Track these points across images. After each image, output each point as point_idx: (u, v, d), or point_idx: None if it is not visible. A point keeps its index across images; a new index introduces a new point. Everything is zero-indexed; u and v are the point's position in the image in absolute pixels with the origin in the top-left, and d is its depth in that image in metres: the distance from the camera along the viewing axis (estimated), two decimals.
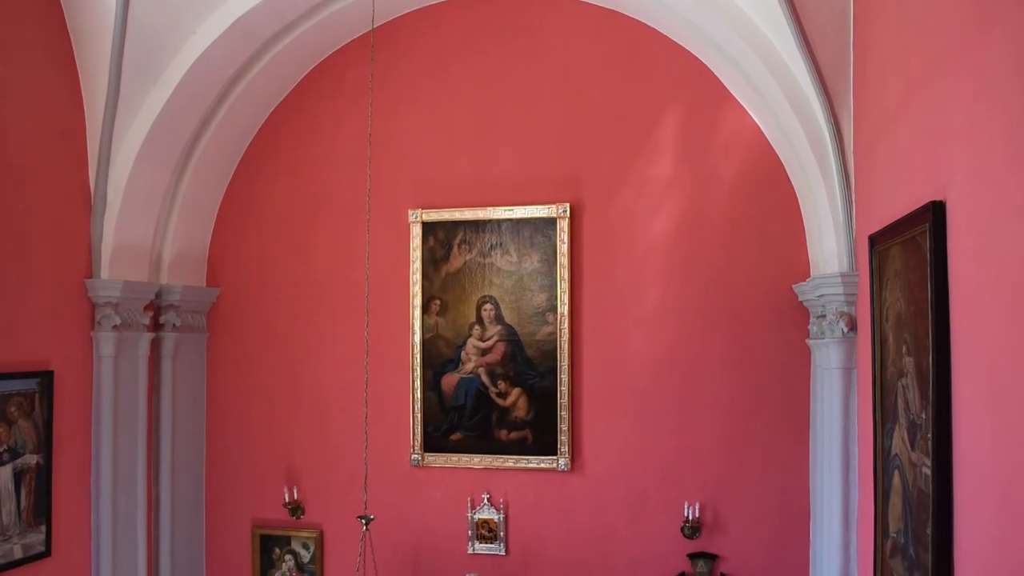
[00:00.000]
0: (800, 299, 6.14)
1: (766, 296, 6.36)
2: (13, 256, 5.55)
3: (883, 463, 4.14)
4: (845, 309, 5.26)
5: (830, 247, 5.43)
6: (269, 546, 7.22)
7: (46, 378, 5.76)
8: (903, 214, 3.71)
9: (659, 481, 6.52)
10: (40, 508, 5.72)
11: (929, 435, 3.25)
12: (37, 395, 5.69)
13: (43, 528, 5.74)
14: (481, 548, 6.83)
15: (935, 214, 3.22)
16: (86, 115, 6.09)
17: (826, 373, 5.52)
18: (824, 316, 5.53)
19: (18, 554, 5.55)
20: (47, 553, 5.77)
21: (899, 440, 3.80)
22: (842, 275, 5.23)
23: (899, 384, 3.80)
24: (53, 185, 5.88)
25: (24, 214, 5.64)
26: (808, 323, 6.12)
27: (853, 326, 5.23)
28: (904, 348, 3.72)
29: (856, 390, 5.22)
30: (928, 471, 3.28)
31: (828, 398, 5.48)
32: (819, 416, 5.82)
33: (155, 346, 6.83)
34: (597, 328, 6.67)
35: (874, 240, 4.30)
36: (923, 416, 3.39)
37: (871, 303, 4.37)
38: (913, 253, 3.54)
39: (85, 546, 6.18)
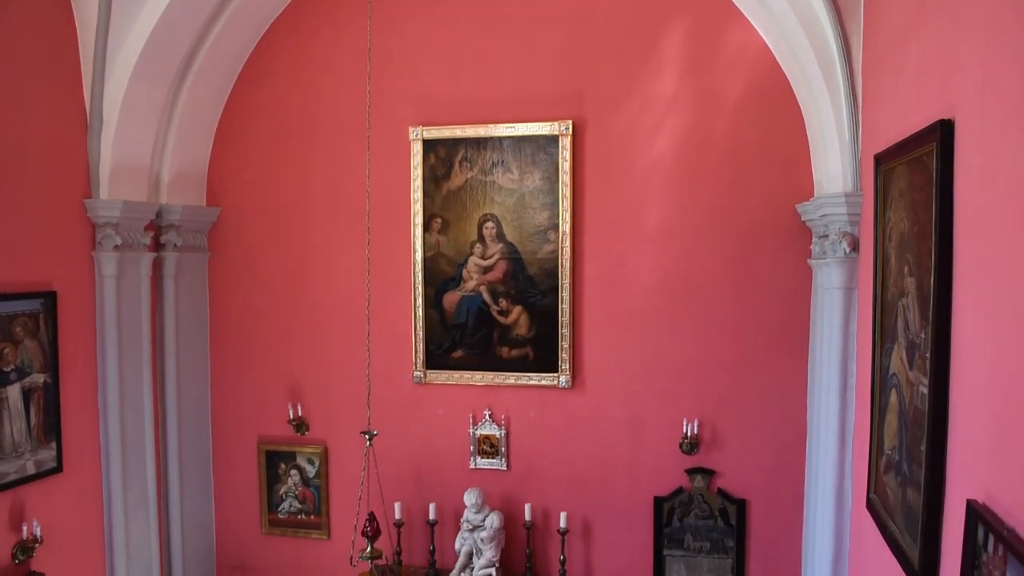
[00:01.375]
0: (803, 219, 6.11)
1: (768, 215, 6.33)
2: (12, 178, 5.51)
3: (881, 382, 4.19)
4: (848, 229, 5.25)
5: (835, 166, 5.38)
6: (275, 462, 7.38)
7: (49, 299, 5.79)
8: (910, 133, 3.66)
9: (658, 398, 6.61)
10: (50, 425, 5.83)
11: (928, 354, 3.28)
12: (41, 315, 5.73)
13: (53, 445, 5.86)
14: (483, 463, 6.97)
15: (943, 133, 3.18)
16: (78, 32, 5.95)
17: (827, 293, 5.54)
18: (826, 236, 5.52)
19: (31, 470, 5.68)
20: (59, 469, 5.91)
21: (897, 359, 3.84)
22: (846, 195, 5.20)
23: (899, 304, 3.81)
24: (48, 105, 5.79)
25: (20, 135, 5.57)
26: (810, 243, 6.11)
27: (855, 246, 5.22)
28: (906, 268, 3.72)
29: (856, 310, 5.25)
30: (925, 390, 3.32)
31: (828, 318, 5.51)
32: (818, 335, 5.87)
33: (157, 266, 6.84)
34: (599, 246, 6.67)
35: (880, 160, 4.25)
36: (922, 336, 3.41)
37: (874, 223, 4.35)
38: (919, 173, 3.51)
39: (95, 462, 6.31)
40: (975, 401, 2.89)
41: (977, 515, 2.65)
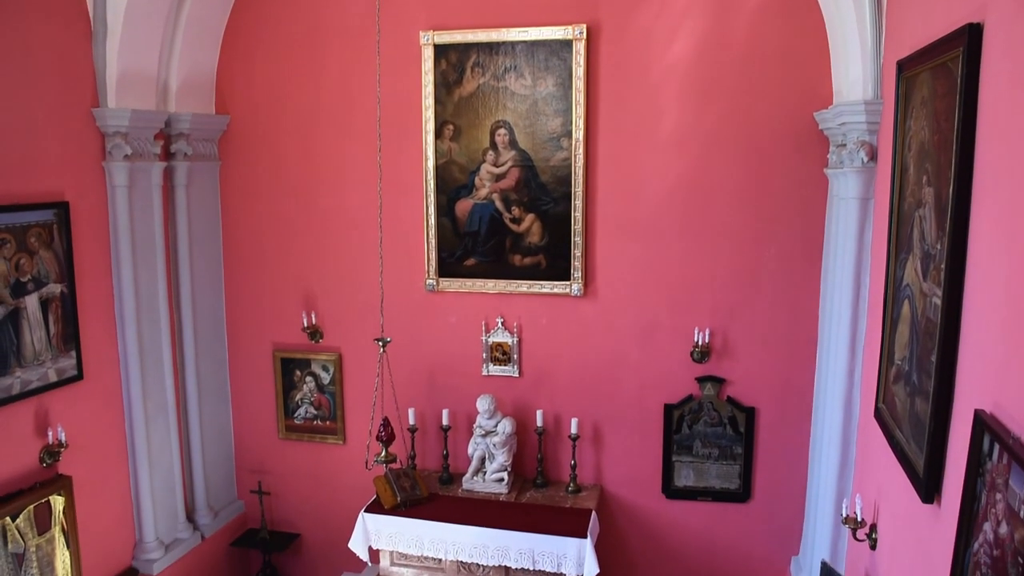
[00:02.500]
0: (821, 127, 6.00)
1: (786, 123, 6.21)
2: (18, 88, 5.44)
3: (893, 293, 4.18)
4: (866, 138, 5.15)
5: (855, 73, 5.24)
6: (290, 369, 7.50)
7: (62, 209, 5.80)
8: (936, 38, 3.54)
9: (670, 307, 6.63)
10: (69, 335, 5.92)
11: (942, 265, 3.26)
12: (55, 226, 5.75)
13: (73, 354, 5.97)
14: (495, 370, 7.06)
15: (970, 37, 3.07)
16: None
17: (843, 203, 5.48)
18: (844, 145, 5.42)
19: (53, 377, 5.80)
20: (79, 376, 6.03)
21: (911, 270, 3.82)
22: (866, 103, 5.09)
23: (916, 214, 3.77)
24: (50, 12, 5.67)
25: (24, 44, 5.47)
26: (827, 152, 6.02)
27: (873, 155, 5.14)
28: (924, 178, 3.66)
29: (871, 221, 5.20)
30: (938, 301, 3.31)
31: (843, 228, 5.46)
32: (833, 246, 5.83)
33: (168, 175, 6.81)
34: (612, 154, 6.59)
35: (902, 66, 4.13)
36: (938, 247, 3.38)
37: (894, 132, 4.26)
38: (943, 79, 3.41)
39: (114, 370, 6.44)
40: (987, 313, 2.89)
41: (984, 424, 2.67)
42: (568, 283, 6.75)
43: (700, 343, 6.52)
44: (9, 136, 5.39)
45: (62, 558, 5.90)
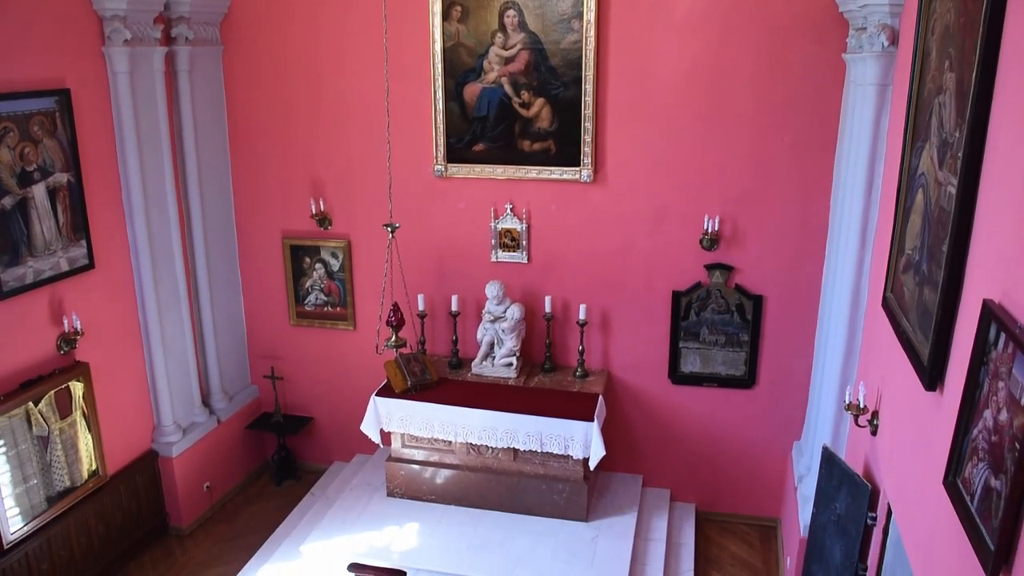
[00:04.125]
0: (840, 10, 5.77)
1: (803, 6, 5.98)
2: None
3: (907, 182, 4.12)
4: (888, 21, 4.96)
5: None
6: (300, 256, 7.53)
7: (63, 96, 5.71)
8: None
9: (681, 194, 6.58)
10: (78, 224, 5.93)
11: (960, 154, 3.19)
12: (57, 114, 5.68)
13: (83, 243, 5.99)
14: (504, 256, 7.08)
15: None
16: None
17: (860, 89, 5.33)
18: (864, 28, 5.23)
19: (64, 267, 5.85)
20: (91, 265, 6.08)
21: (927, 159, 3.75)
22: None
23: (936, 101, 3.67)
24: None
25: None
26: (846, 36, 5.82)
27: (894, 40, 4.96)
28: (947, 63, 3.55)
29: (888, 108, 5.07)
30: (953, 190, 3.26)
31: (859, 115, 5.33)
32: (847, 133, 5.71)
33: (170, 61, 6.67)
34: (624, 36, 6.39)
35: None
36: (956, 135, 3.31)
37: (917, 14, 4.10)
38: None
39: (125, 259, 6.48)
40: (1002, 202, 2.85)
41: (991, 314, 2.68)
42: (578, 169, 6.68)
43: (710, 230, 6.50)
44: (5, 22, 5.26)
45: (84, 441, 6.09)
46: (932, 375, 3.38)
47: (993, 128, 3.00)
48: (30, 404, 5.58)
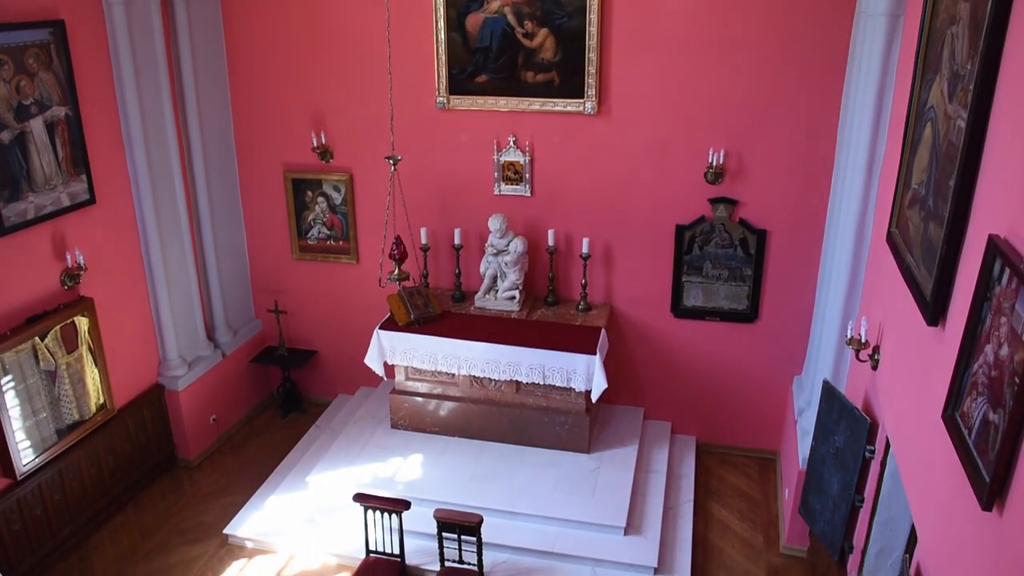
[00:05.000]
0: None
1: None
2: None
3: (916, 115, 4.06)
4: None
5: None
6: (301, 189, 7.48)
7: (58, 28, 5.61)
8: None
9: (685, 127, 6.49)
10: (78, 159, 5.88)
11: (971, 86, 3.14)
12: (52, 46, 5.58)
13: (84, 178, 5.96)
14: (507, 189, 7.03)
15: None
16: None
17: (870, 20, 5.20)
18: None
19: (65, 202, 5.82)
20: (92, 200, 6.06)
21: (937, 92, 3.69)
22: None
23: (948, 32, 3.59)
24: None
25: None
26: None
27: None
28: None
29: (899, 39, 4.96)
30: (962, 123, 3.21)
31: (869, 46, 5.21)
32: (857, 66, 5.60)
33: None
34: None
35: None
36: (968, 67, 3.24)
37: None
38: None
39: (126, 193, 6.45)
40: (1012, 137, 2.81)
41: (996, 249, 2.67)
42: (581, 101, 6.58)
43: (714, 164, 6.43)
44: None
45: (91, 375, 6.15)
46: (935, 310, 3.39)
47: (1006, 60, 2.94)
48: (36, 339, 5.61)
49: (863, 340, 4.58)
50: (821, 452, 5.08)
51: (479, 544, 5.44)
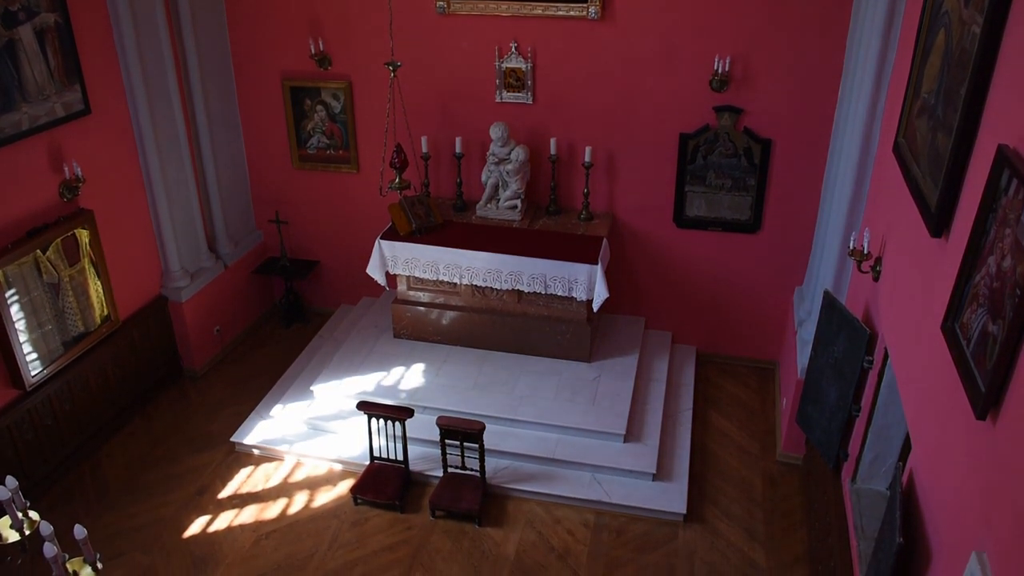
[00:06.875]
0: None
1: None
2: None
3: (930, 21, 3.95)
4: None
5: None
6: (300, 98, 7.35)
7: None
8: None
9: (691, 32, 6.33)
10: (70, 68, 5.76)
11: None
12: None
13: (78, 87, 5.84)
14: (508, 97, 6.91)
15: None
16: None
17: None
18: None
19: (60, 112, 5.73)
20: (87, 111, 5.96)
21: None
22: None
23: None
24: None
25: None
26: None
27: None
28: None
29: None
30: (977, 29, 3.13)
31: None
32: None
33: None
34: None
35: None
36: None
37: None
38: None
39: (122, 103, 6.34)
40: None
41: (1005, 159, 2.64)
42: (585, 5, 6.40)
43: (720, 71, 6.30)
44: None
45: (95, 287, 6.17)
46: (939, 221, 3.37)
47: None
48: (38, 252, 5.61)
49: (865, 251, 4.57)
50: (820, 362, 5.13)
51: (481, 451, 5.56)
